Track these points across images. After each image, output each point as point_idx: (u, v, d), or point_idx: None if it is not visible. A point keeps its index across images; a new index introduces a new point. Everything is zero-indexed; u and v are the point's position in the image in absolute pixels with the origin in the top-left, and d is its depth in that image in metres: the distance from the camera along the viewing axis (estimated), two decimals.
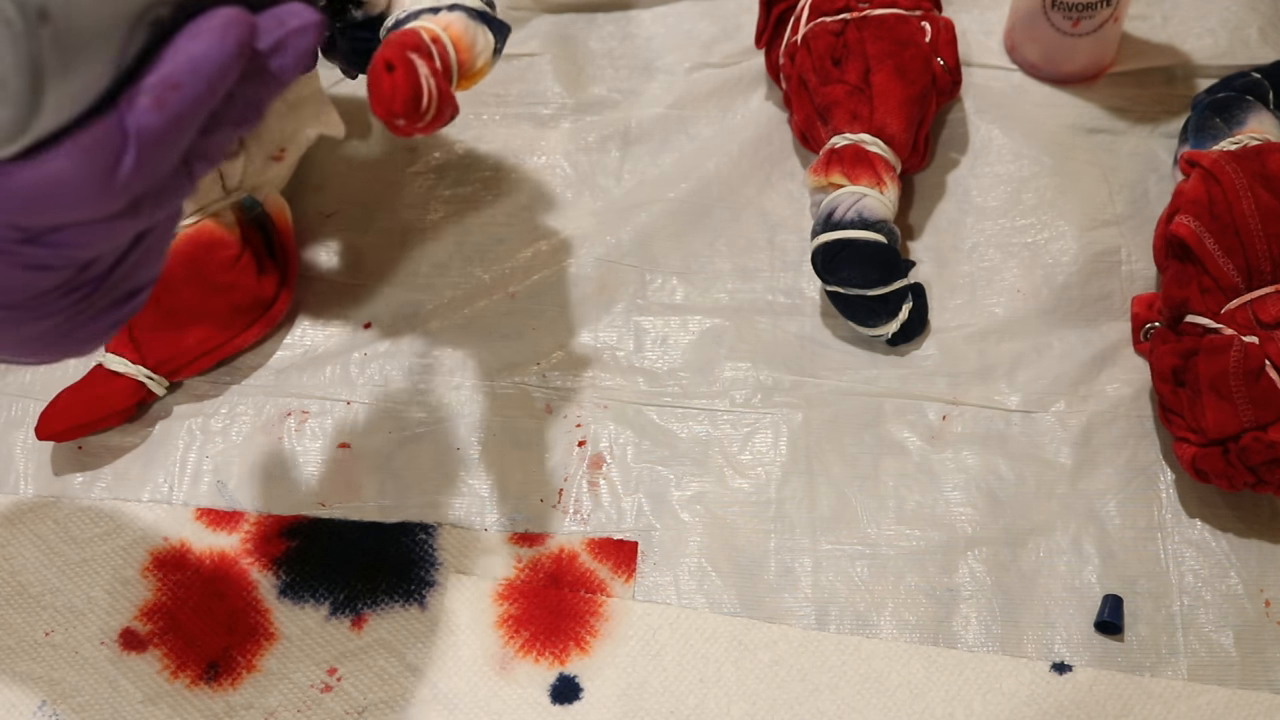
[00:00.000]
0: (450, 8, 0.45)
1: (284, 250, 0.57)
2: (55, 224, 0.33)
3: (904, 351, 0.57)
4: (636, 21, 0.68)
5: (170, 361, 0.54)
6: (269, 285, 0.56)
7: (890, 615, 0.50)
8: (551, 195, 0.62)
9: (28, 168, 0.31)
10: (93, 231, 0.34)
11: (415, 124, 0.41)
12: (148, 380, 0.54)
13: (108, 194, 0.33)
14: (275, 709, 0.49)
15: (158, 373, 0.54)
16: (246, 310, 0.56)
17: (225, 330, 0.55)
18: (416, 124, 0.41)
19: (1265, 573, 0.51)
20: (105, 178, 0.32)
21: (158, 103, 0.32)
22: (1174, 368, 0.50)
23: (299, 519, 0.53)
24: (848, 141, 0.57)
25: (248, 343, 0.57)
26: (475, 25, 0.46)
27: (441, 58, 0.43)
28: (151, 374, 0.54)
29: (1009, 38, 0.66)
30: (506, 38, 0.48)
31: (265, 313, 0.56)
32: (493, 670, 0.49)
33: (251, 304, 0.56)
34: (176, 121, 0.33)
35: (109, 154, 0.32)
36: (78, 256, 0.34)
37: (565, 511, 0.53)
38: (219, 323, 0.55)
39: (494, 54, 0.47)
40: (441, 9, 0.45)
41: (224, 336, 0.55)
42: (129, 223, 0.34)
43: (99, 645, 0.50)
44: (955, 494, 0.53)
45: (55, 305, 0.35)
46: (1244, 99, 0.57)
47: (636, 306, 0.58)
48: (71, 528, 0.53)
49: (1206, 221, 0.50)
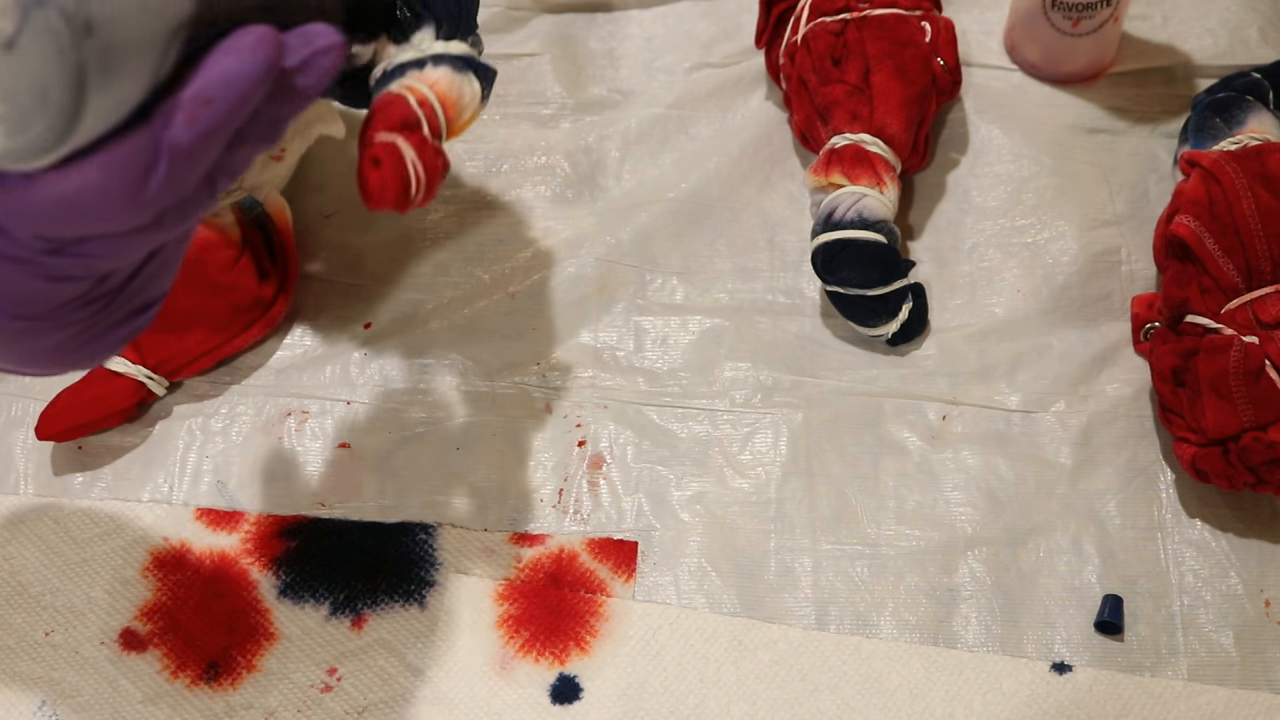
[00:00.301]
0: (435, 59, 0.45)
1: (284, 251, 0.57)
2: (82, 235, 0.33)
3: (904, 351, 0.57)
4: (637, 21, 0.68)
5: (170, 361, 0.55)
6: (269, 286, 0.56)
7: (890, 615, 0.50)
8: (551, 195, 0.62)
9: (60, 178, 0.31)
10: (117, 243, 0.34)
11: (407, 209, 0.42)
12: (148, 380, 0.54)
13: (137, 206, 0.33)
14: (275, 709, 0.49)
15: (158, 373, 0.54)
16: (246, 311, 0.56)
17: (225, 331, 0.55)
18: (408, 208, 0.42)
19: (1265, 573, 0.51)
20: (136, 190, 0.32)
21: (190, 118, 0.33)
22: (1174, 368, 0.51)
23: (299, 519, 0.53)
24: (848, 141, 0.57)
25: (247, 343, 0.57)
26: (461, 78, 0.45)
27: (430, 122, 0.43)
28: (151, 374, 0.54)
29: (1009, 38, 0.66)
30: (493, 83, 0.47)
31: (265, 313, 0.56)
32: (493, 670, 0.49)
33: (251, 304, 0.56)
34: (207, 137, 0.33)
35: (141, 167, 0.32)
36: (99, 268, 0.34)
37: (565, 511, 0.53)
38: (219, 323, 0.55)
39: (481, 102, 0.47)
40: (426, 61, 0.45)
41: (223, 337, 0.55)
42: (151, 235, 0.34)
43: (99, 645, 0.50)
44: (955, 494, 0.53)
45: (72, 317, 0.35)
46: (1244, 99, 0.57)
47: (636, 306, 0.58)
48: (71, 528, 0.53)
49: (1206, 221, 0.50)
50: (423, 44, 0.45)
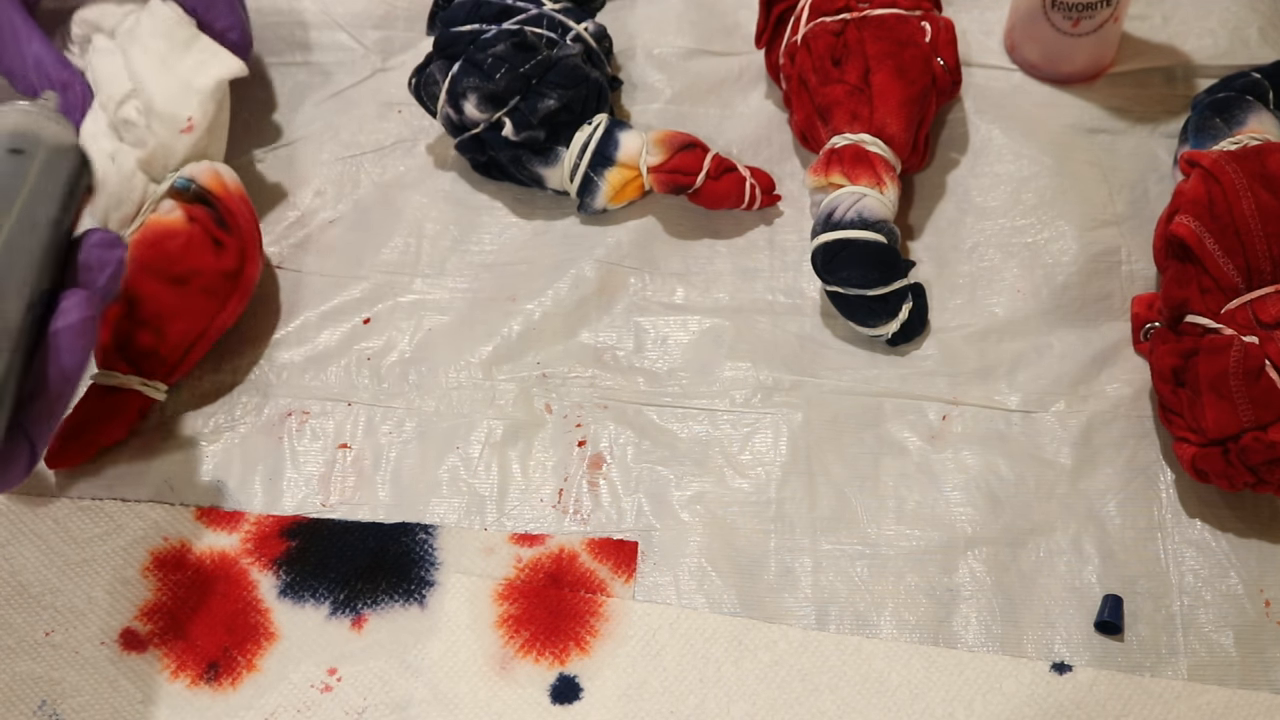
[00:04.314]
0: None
1: (232, 215, 0.55)
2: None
3: (904, 351, 0.57)
4: (634, 18, 0.68)
5: (161, 364, 0.54)
6: (229, 257, 0.55)
7: (890, 615, 0.50)
8: (552, 194, 0.62)
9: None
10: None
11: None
12: (143, 388, 0.54)
13: (7, 488, 0.43)
14: (275, 709, 0.49)
15: (152, 379, 0.54)
16: (217, 290, 0.55)
17: (203, 317, 0.55)
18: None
19: (1265, 573, 0.51)
20: (13, 481, 0.43)
21: (49, 415, 0.43)
22: (1174, 368, 0.51)
23: (299, 519, 0.53)
24: (848, 141, 0.57)
25: (232, 319, 0.56)
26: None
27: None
28: (146, 381, 0.54)
29: (1009, 38, 0.66)
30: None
31: (237, 284, 0.55)
32: (493, 670, 0.49)
33: (218, 282, 0.55)
34: (59, 417, 0.44)
35: (21, 467, 0.43)
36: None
37: (565, 511, 0.53)
38: (194, 311, 0.54)
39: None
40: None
41: (204, 323, 0.55)
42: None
43: (99, 645, 0.50)
44: (955, 494, 0.53)
45: None
46: (1244, 99, 0.58)
47: (636, 307, 0.58)
48: (71, 528, 0.53)
49: (1206, 221, 0.50)
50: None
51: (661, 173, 0.58)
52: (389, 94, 0.66)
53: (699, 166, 0.58)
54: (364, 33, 0.68)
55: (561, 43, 0.60)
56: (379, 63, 0.67)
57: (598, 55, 0.62)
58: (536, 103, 0.57)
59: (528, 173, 0.60)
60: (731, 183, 0.59)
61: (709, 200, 0.59)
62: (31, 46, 0.56)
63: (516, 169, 0.60)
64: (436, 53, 0.60)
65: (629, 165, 0.59)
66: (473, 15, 0.60)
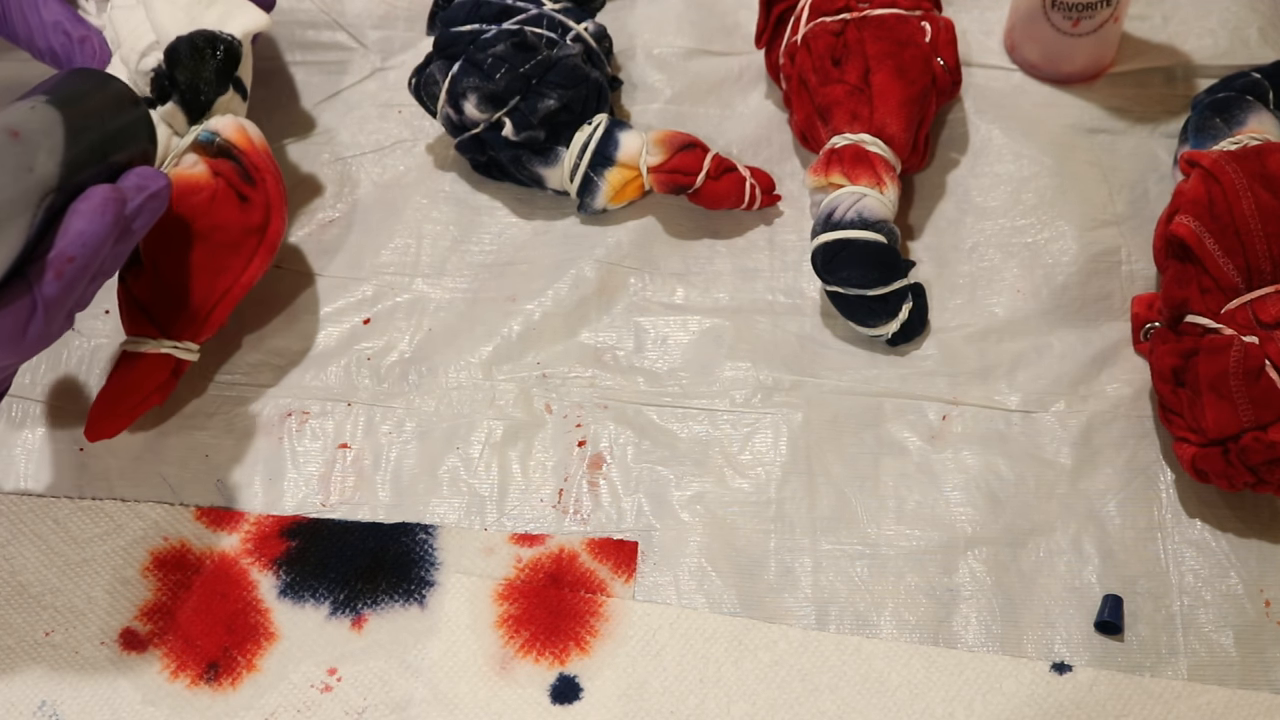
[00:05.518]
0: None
1: (257, 170, 0.55)
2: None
3: (904, 351, 0.57)
4: (634, 18, 0.68)
5: (189, 324, 0.53)
6: (255, 212, 0.54)
7: (890, 615, 0.50)
8: (552, 194, 0.62)
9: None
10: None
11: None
12: (174, 350, 0.53)
13: (18, 352, 0.42)
14: (275, 709, 0.49)
15: (181, 339, 0.53)
16: (241, 245, 0.54)
17: (228, 273, 0.54)
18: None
19: (1265, 573, 0.51)
20: (18, 339, 0.42)
21: (58, 274, 0.42)
22: (1174, 368, 0.51)
23: (299, 519, 0.53)
24: (848, 141, 0.57)
25: (257, 276, 0.55)
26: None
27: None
28: (176, 343, 0.53)
29: (1009, 38, 0.66)
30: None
31: (262, 239, 0.54)
32: (493, 670, 0.49)
33: (243, 236, 0.54)
34: (71, 286, 0.42)
35: (23, 319, 0.41)
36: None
37: (565, 511, 0.53)
38: (219, 267, 0.54)
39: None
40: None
41: (230, 279, 0.54)
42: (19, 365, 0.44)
43: (99, 645, 0.50)
44: (955, 494, 0.53)
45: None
46: (1244, 99, 0.58)
47: (636, 307, 0.58)
48: (71, 528, 0.53)
49: (1206, 221, 0.50)
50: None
51: (661, 173, 0.58)
52: (389, 94, 0.66)
53: (699, 166, 0.58)
54: (364, 33, 0.68)
55: (561, 43, 0.60)
56: (379, 63, 0.67)
57: (598, 55, 0.62)
58: (536, 103, 0.57)
59: (528, 173, 0.60)
60: (731, 183, 0.59)
61: (709, 200, 0.59)
62: (49, 6, 0.56)
63: (516, 169, 0.60)
64: (436, 53, 0.60)
65: (629, 165, 0.59)
66: (473, 15, 0.60)
